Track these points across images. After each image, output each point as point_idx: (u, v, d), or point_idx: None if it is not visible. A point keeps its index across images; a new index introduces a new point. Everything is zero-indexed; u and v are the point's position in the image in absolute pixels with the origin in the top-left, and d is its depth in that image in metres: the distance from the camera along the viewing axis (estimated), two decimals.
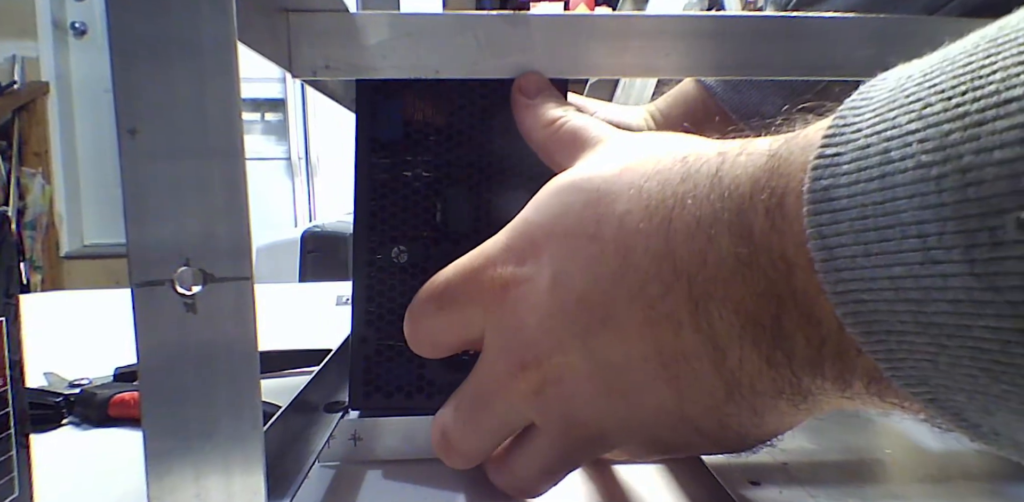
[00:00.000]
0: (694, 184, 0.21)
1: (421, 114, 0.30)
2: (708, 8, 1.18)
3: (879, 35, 0.29)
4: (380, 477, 0.30)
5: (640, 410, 0.23)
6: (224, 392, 0.19)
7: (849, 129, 0.16)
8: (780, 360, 0.19)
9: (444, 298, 0.26)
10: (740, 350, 0.20)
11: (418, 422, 0.31)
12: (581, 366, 0.23)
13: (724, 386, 0.21)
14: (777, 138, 0.20)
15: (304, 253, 1.52)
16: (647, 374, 0.22)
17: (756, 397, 0.21)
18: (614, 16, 0.30)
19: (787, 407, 0.21)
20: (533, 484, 0.26)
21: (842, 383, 0.19)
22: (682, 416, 0.22)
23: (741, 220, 0.19)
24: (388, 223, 0.30)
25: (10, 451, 0.24)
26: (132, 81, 0.18)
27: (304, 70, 0.28)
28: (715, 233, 0.20)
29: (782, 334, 0.19)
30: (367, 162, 0.30)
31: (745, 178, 0.19)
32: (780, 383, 0.20)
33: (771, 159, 0.19)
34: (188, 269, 0.18)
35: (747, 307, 0.19)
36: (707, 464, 0.27)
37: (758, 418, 0.22)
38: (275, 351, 0.47)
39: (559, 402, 0.24)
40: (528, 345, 0.24)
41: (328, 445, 0.30)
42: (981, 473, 0.26)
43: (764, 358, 0.20)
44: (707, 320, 0.20)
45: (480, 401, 0.26)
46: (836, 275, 0.16)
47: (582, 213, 0.23)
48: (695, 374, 0.21)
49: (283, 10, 0.28)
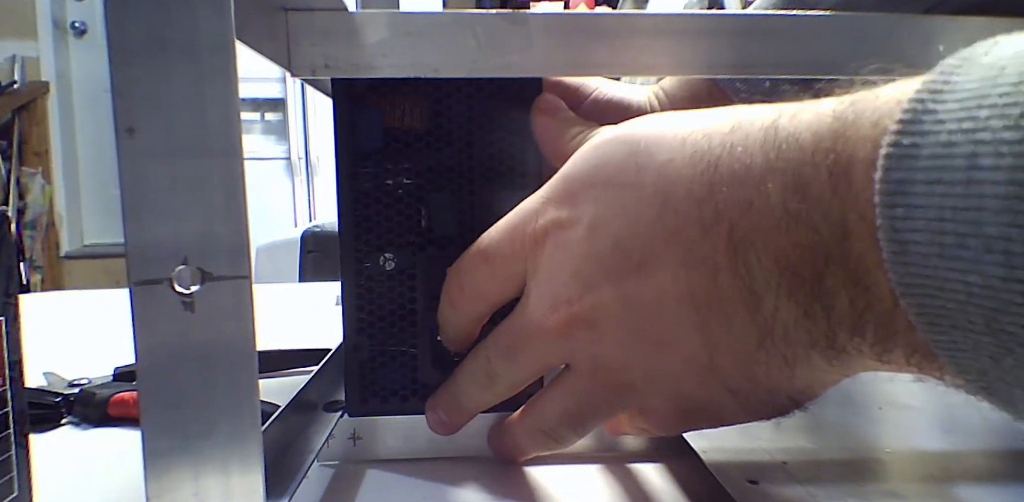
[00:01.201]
0: (745, 134, 0.21)
1: (400, 121, 0.30)
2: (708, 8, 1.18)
3: (880, 33, 0.29)
4: (379, 476, 0.30)
5: (669, 358, 0.23)
6: (223, 391, 0.19)
7: (929, 118, 0.16)
8: (818, 313, 0.19)
9: (489, 252, 0.27)
10: (776, 298, 0.20)
11: (417, 421, 0.31)
12: (613, 308, 0.23)
13: (756, 333, 0.21)
14: (842, 100, 0.19)
15: (304, 253, 1.52)
16: (679, 318, 0.22)
17: (788, 346, 0.21)
18: (614, 15, 0.30)
19: (820, 360, 0.21)
20: (557, 427, 0.27)
21: (881, 348, 0.19)
22: (711, 367, 0.22)
23: (797, 174, 0.19)
24: (374, 232, 0.30)
25: (9, 451, 0.24)
26: (130, 80, 0.18)
27: (303, 69, 0.28)
28: (764, 181, 0.20)
29: (824, 290, 0.19)
30: (349, 172, 0.30)
31: (807, 134, 0.19)
32: (815, 334, 0.20)
33: (835, 121, 0.19)
34: (187, 268, 0.18)
35: (789, 258, 0.19)
36: (707, 464, 0.26)
37: (788, 369, 0.21)
38: (275, 351, 0.47)
39: (589, 344, 0.24)
40: (563, 287, 0.24)
41: (327, 444, 0.30)
42: (981, 473, 0.26)
43: (801, 309, 0.20)
44: (745, 265, 0.20)
45: (515, 338, 0.26)
46: (905, 269, 0.16)
47: (623, 163, 0.23)
48: (727, 319, 0.21)
49: (282, 9, 0.28)
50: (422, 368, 0.31)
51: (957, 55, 0.17)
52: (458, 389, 0.29)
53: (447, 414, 0.29)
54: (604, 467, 0.30)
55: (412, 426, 0.31)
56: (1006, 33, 0.17)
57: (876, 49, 0.29)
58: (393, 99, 0.30)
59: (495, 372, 0.27)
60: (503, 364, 0.27)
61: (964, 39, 0.29)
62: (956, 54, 0.17)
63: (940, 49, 0.29)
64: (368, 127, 0.30)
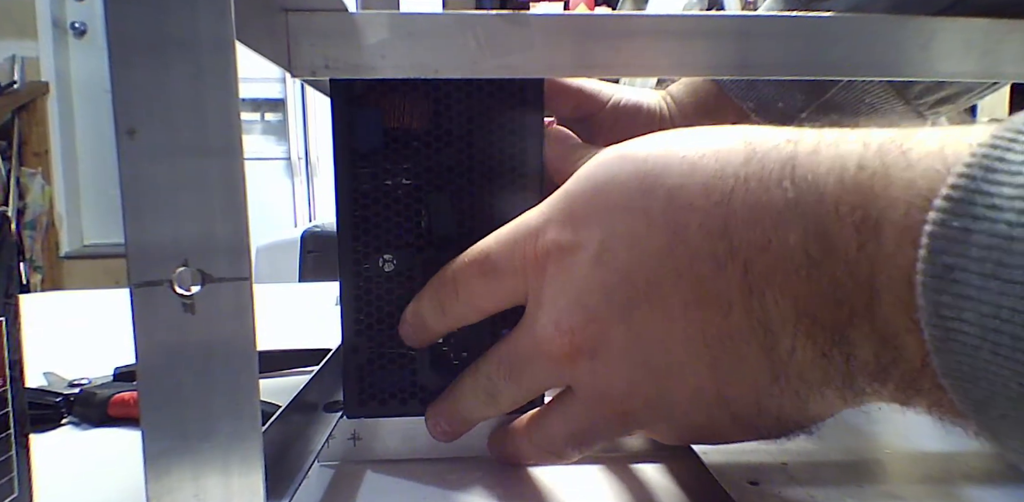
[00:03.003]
0: (761, 166, 0.20)
1: (399, 121, 0.30)
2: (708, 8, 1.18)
3: (880, 34, 0.29)
4: (379, 477, 0.30)
5: (675, 391, 0.22)
6: (223, 392, 0.19)
7: (982, 201, 0.14)
8: (837, 358, 0.19)
9: (486, 266, 0.26)
10: (793, 339, 0.19)
11: (417, 422, 0.31)
12: (619, 340, 0.22)
13: (770, 371, 0.20)
14: (866, 142, 0.18)
15: (304, 253, 1.52)
16: (688, 354, 0.21)
17: (803, 384, 0.20)
18: (614, 16, 0.30)
19: (835, 397, 0.20)
20: (560, 446, 0.27)
21: (903, 396, 0.18)
22: (719, 399, 0.22)
23: (818, 222, 0.18)
24: (373, 233, 0.30)
25: (10, 451, 0.24)
26: (130, 81, 0.18)
27: (303, 70, 0.28)
28: (783, 223, 0.19)
29: (846, 340, 0.18)
30: (348, 173, 0.30)
31: (830, 181, 0.18)
32: (832, 375, 0.19)
33: (861, 171, 0.17)
34: (187, 269, 0.18)
35: (809, 304, 0.18)
36: (707, 464, 0.26)
37: (801, 403, 0.21)
38: (275, 351, 0.47)
39: (591, 373, 0.24)
40: (567, 314, 0.23)
41: (327, 445, 0.30)
42: (981, 474, 0.26)
43: (820, 351, 0.19)
44: (760, 304, 0.19)
45: (518, 361, 0.26)
46: (950, 356, 0.15)
47: (627, 184, 0.22)
48: (740, 357, 0.20)
49: (282, 10, 0.28)
50: (421, 370, 0.31)
51: (1013, 124, 0.15)
52: (459, 403, 0.29)
53: (449, 424, 0.30)
54: (604, 467, 0.30)
55: (412, 427, 0.31)
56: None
57: (877, 51, 0.29)
58: (392, 99, 0.30)
59: (497, 390, 0.27)
60: (505, 384, 0.27)
61: (964, 41, 0.29)
62: (1012, 122, 0.15)
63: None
64: (367, 127, 0.29)
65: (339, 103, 0.30)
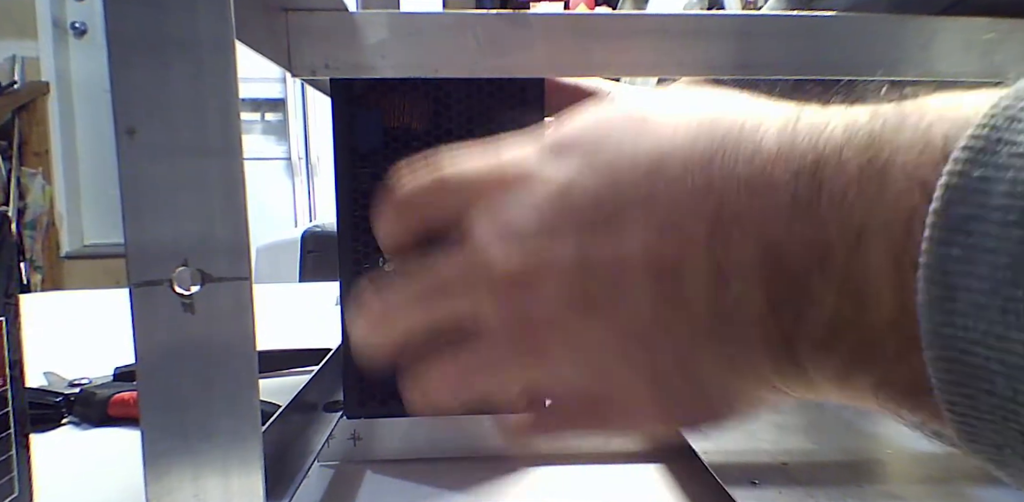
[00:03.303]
0: (761, 116, 0.19)
1: (399, 121, 0.30)
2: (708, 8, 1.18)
3: (880, 34, 0.29)
4: (379, 477, 0.30)
5: (603, 327, 0.21)
6: (223, 392, 0.19)
7: (1005, 150, 0.14)
8: (786, 314, 0.18)
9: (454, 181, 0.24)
10: (744, 284, 0.18)
11: (417, 422, 0.31)
12: (566, 261, 0.21)
13: (709, 320, 0.19)
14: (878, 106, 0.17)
15: (304, 253, 1.52)
16: (631, 286, 0.20)
17: (738, 345, 0.19)
18: (614, 16, 0.30)
19: (767, 370, 0.19)
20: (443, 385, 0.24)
21: (844, 373, 0.17)
22: (645, 347, 0.21)
23: (817, 163, 0.17)
24: (373, 233, 0.30)
25: (10, 451, 0.24)
26: (130, 81, 0.18)
27: (304, 69, 0.28)
28: (775, 163, 0.18)
29: (804, 291, 0.17)
30: (348, 173, 0.30)
31: (839, 126, 0.17)
32: (774, 337, 0.18)
33: (874, 118, 0.17)
34: (186, 269, 0.18)
35: (779, 248, 0.18)
36: (708, 465, 0.26)
37: (729, 373, 0.20)
38: (275, 351, 0.47)
39: (522, 295, 0.22)
40: (517, 227, 0.22)
41: (327, 445, 0.30)
42: (981, 474, 0.26)
43: (769, 305, 0.18)
44: (723, 245, 0.19)
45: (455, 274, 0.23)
46: (946, 316, 0.14)
47: (621, 126, 0.22)
48: (682, 298, 0.20)
49: (282, 9, 0.28)
50: None
51: None
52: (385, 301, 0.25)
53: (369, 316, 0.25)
54: (604, 467, 0.30)
55: (412, 427, 0.31)
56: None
57: (877, 51, 0.29)
58: (392, 99, 0.30)
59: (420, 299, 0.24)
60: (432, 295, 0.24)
61: (964, 41, 0.29)
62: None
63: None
64: (367, 127, 0.29)
65: (339, 103, 0.30)
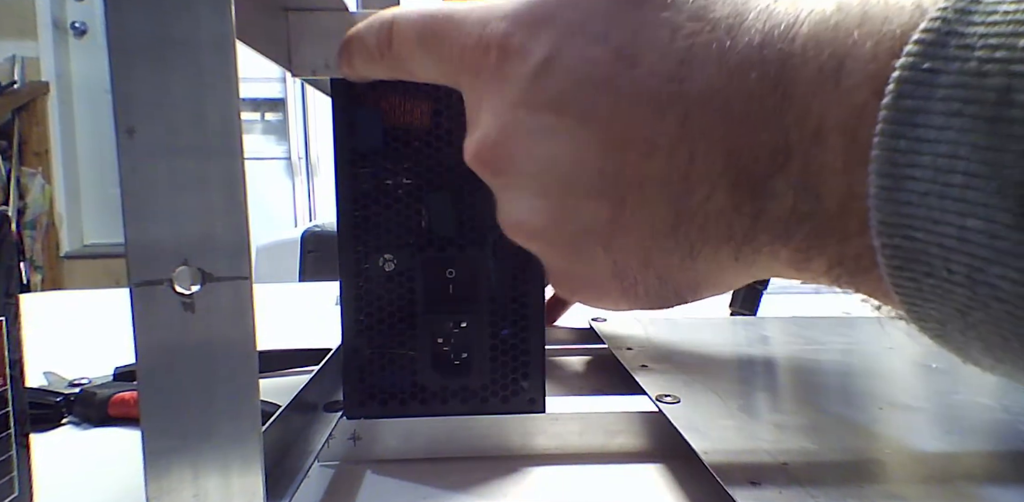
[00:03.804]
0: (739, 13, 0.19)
1: (400, 121, 0.30)
2: None
3: None
4: (379, 477, 0.30)
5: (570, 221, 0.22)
6: (223, 392, 0.19)
7: (955, 42, 0.14)
8: (748, 211, 0.18)
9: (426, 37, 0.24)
10: (711, 189, 0.19)
11: (417, 422, 0.31)
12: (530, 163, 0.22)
13: (673, 219, 0.20)
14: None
15: (304, 253, 1.52)
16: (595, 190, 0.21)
17: (701, 238, 0.20)
18: None
19: (727, 256, 0.20)
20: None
21: (802, 257, 0.18)
22: (610, 239, 0.21)
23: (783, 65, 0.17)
24: (373, 233, 0.30)
25: (10, 451, 0.24)
26: (130, 80, 0.18)
27: (304, 69, 0.28)
28: (743, 70, 0.18)
29: (767, 190, 0.18)
30: (348, 172, 0.30)
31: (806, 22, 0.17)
32: (736, 229, 0.19)
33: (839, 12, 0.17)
34: (187, 269, 0.18)
35: (743, 154, 0.18)
36: (708, 465, 0.26)
37: (690, 261, 0.21)
38: (275, 350, 0.47)
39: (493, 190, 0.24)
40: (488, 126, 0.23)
41: (327, 445, 0.30)
42: (981, 474, 0.26)
43: (732, 203, 0.19)
44: (689, 154, 0.19)
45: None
46: (894, 206, 0.15)
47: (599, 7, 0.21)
48: (646, 201, 0.20)
49: (283, 9, 0.28)
50: (421, 371, 0.30)
51: None
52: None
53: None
54: (604, 467, 0.30)
55: (412, 427, 0.31)
56: None
57: None
58: (393, 99, 0.30)
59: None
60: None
61: None
62: None
63: None
64: (367, 127, 0.29)
65: (339, 103, 0.30)
